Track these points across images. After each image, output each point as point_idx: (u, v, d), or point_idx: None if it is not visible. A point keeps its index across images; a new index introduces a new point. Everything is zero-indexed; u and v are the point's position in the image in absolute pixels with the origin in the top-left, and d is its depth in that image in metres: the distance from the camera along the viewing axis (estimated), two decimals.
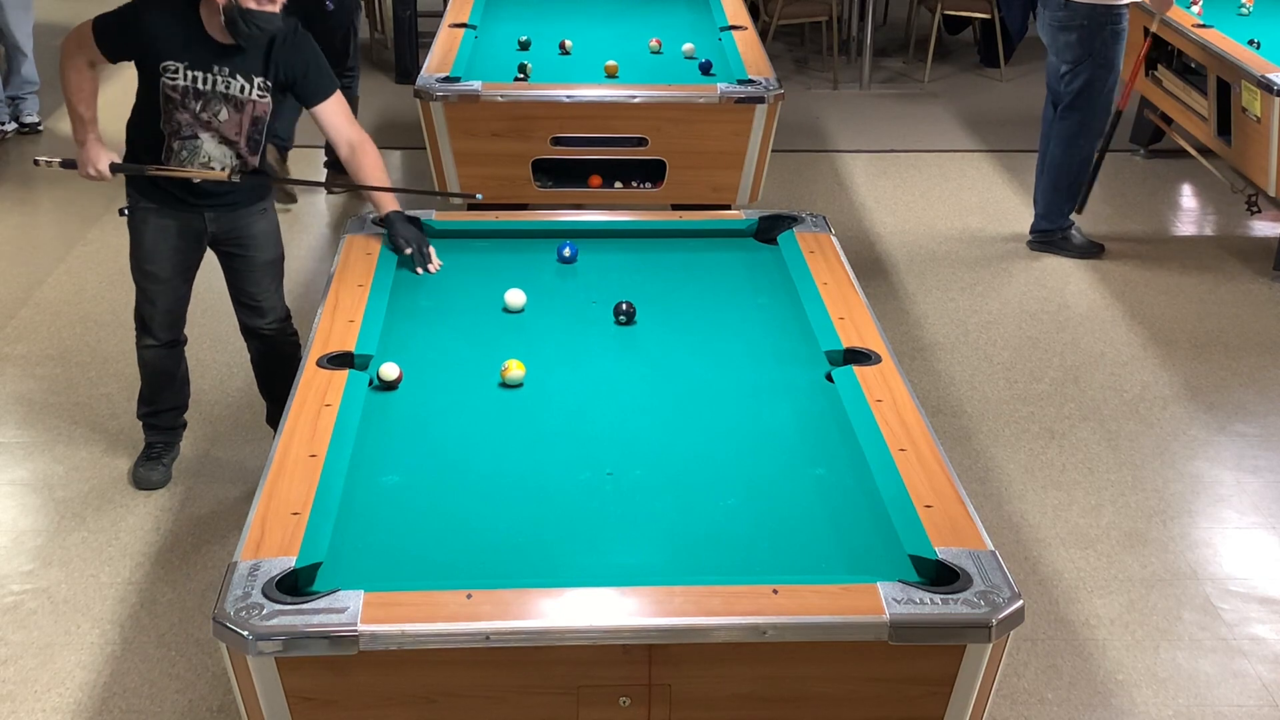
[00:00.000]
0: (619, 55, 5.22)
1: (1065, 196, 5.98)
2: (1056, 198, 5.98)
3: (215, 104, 3.77)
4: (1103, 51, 5.69)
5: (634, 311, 3.47)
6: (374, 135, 4.06)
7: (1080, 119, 5.83)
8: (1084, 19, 5.65)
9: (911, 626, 2.31)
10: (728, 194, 4.96)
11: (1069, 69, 5.77)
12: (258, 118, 3.84)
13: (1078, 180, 5.96)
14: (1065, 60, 5.79)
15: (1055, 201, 5.99)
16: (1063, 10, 5.70)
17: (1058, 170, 5.94)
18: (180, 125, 3.79)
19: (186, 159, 3.83)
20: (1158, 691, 3.51)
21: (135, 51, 3.77)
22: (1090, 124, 5.84)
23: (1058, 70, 5.87)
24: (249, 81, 3.78)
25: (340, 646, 2.27)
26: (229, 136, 3.83)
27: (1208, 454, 4.57)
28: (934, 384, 4.96)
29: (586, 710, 2.40)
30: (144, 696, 3.44)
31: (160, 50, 3.73)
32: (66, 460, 4.41)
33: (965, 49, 9.17)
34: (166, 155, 3.83)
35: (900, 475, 2.74)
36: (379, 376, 3.14)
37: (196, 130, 3.79)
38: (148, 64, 3.77)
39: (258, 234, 4.05)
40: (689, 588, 2.38)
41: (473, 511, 2.69)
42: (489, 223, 4.08)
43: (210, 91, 3.76)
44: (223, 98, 3.77)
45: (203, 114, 3.77)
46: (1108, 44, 5.68)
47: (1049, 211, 6.03)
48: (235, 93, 3.78)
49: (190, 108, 3.77)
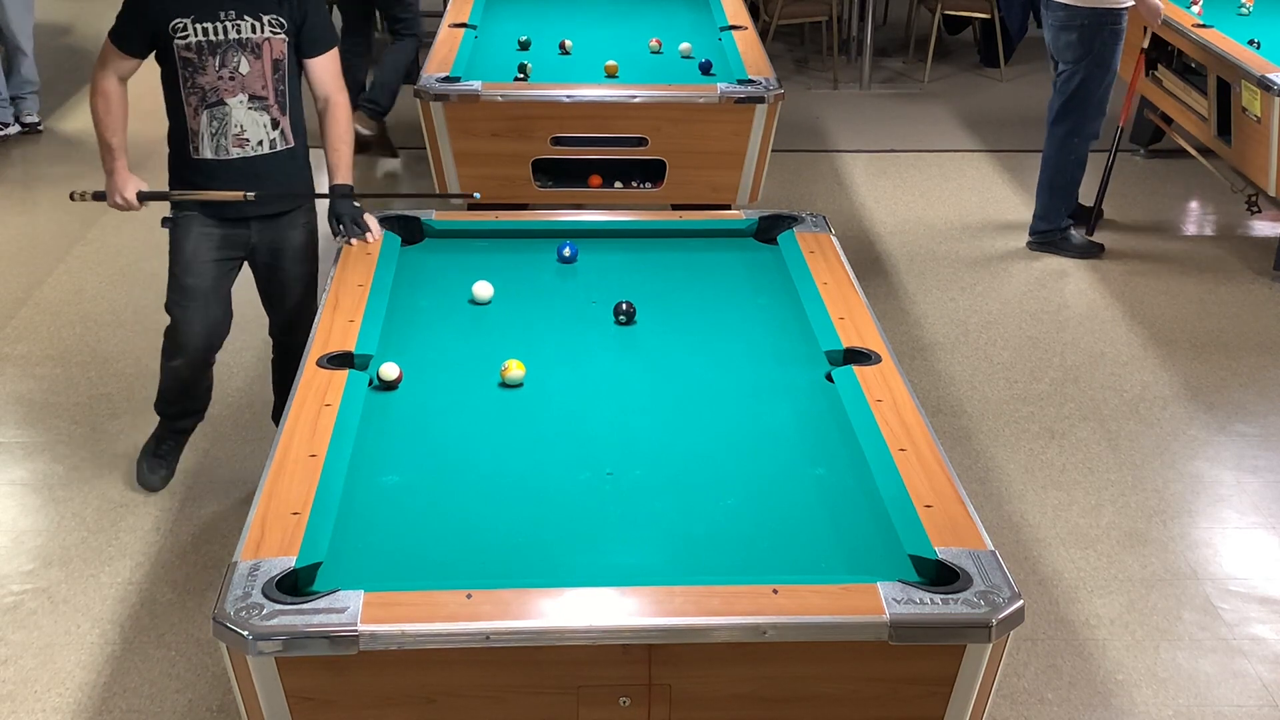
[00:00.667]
0: (619, 55, 5.22)
1: (1061, 196, 5.99)
2: (1053, 198, 6.00)
3: (233, 55, 3.72)
4: (1101, 52, 5.71)
5: (634, 311, 3.47)
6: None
7: (1075, 119, 5.85)
8: (1084, 19, 5.67)
9: (911, 626, 2.31)
10: (728, 194, 4.96)
11: (1067, 69, 5.79)
12: (277, 60, 3.78)
13: (1073, 180, 5.98)
14: (1065, 60, 5.81)
15: (1051, 202, 6.01)
16: (1063, 11, 5.72)
17: (1052, 170, 5.96)
18: (205, 91, 3.73)
19: (218, 133, 3.76)
20: (1158, 691, 3.51)
21: (148, 26, 3.73)
22: (1084, 125, 5.87)
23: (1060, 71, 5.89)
24: (258, 20, 3.74)
25: (340, 646, 2.27)
26: (256, 92, 3.77)
27: (1208, 454, 4.57)
28: (934, 384, 4.96)
29: (586, 710, 2.40)
30: (144, 696, 3.44)
31: (166, 10, 3.69)
32: (66, 460, 4.41)
33: (965, 49, 9.17)
34: (196, 143, 3.79)
35: (900, 475, 2.74)
36: (379, 376, 3.14)
37: (221, 94, 3.74)
38: (161, 36, 3.72)
39: (296, 246, 4.02)
40: (689, 588, 2.38)
41: (473, 511, 2.69)
42: (489, 223, 4.08)
43: (224, 41, 3.71)
44: (238, 45, 3.72)
45: (223, 70, 3.72)
46: (1106, 44, 5.70)
47: (1046, 212, 6.04)
48: (248, 34, 3.73)
49: (209, 66, 3.72)
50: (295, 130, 3.90)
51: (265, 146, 3.84)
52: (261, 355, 5.01)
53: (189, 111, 3.78)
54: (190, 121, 3.79)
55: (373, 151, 6.83)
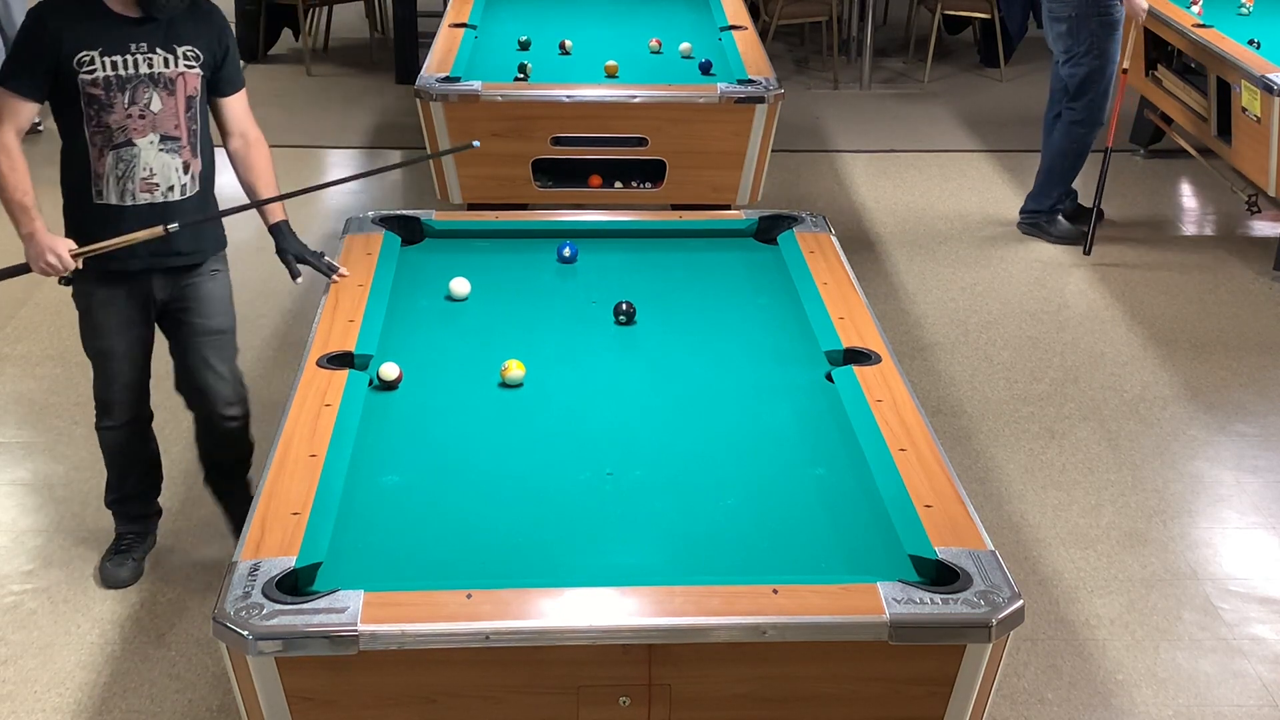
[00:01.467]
0: (619, 55, 5.22)
1: (1056, 181, 6.11)
2: (1048, 181, 6.14)
3: (144, 91, 3.39)
4: (1094, 43, 5.81)
5: (634, 311, 3.47)
6: (374, 135, 4.05)
7: (1082, 109, 5.94)
8: (1073, 9, 5.79)
9: (911, 626, 2.31)
10: (728, 194, 4.96)
11: (1066, 59, 5.90)
12: (191, 97, 3.46)
13: (1071, 168, 6.09)
14: (1059, 51, 5.94)
15: (1046, 184, 6.15)
16: (1054, 1, 5.84)
17: (1054, 155, 6.09)
18: (111, 131, 3.39)
19: (124, 176, 3.43)
20: (1158, 691, 3.51)
21: (48, 60, 3.36)
22: (1091, 115, 5.95)
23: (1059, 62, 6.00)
24: (171, 54, 3.42)
25: (340, 646, 2.27)
26: (169, 131, 3.44)
27: (1208, 454, 4.57)
28: (934, 384, 4.96)
29: (586, 710, 2.40)
30: (144, 696, 3.44)
31: (70, 43, 3.34)
32: (66, 460, 4.40)
33: (965, 49, 9.16)
34: (100, 186, 3.44)
35: (900, 475, 2.74)
36: (379, 376, 3.14)
37: (130, 134, 3.40)
38: (63, 69, 3.36)
39: (205, 297, 3.64)
40: (689, 588, 2.38)
41: (473, 511, 2.69)
42: (489, 223, 4.08)
43: (134, 75, 3.37)
44: (149, 80, 3.39)
45: (132, 108, 3.39)
46: (1097, 35, 5.80)
47: (1038, 192, 6.19)
48: (161, 68, 3.41)
49: (118, 104, 3.38)
50: (205, 176, 3.57)
51: (175, 192, 3.49)
52: (261, 355, 5.02)
53: (93, 153, 3.43)
54: (94, 164, 3.44)
55: None
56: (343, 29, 9.11)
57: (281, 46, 8.86)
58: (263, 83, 8.18)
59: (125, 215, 3.47)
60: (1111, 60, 5.84)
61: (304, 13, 8.45)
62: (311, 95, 8.10)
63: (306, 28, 8.59)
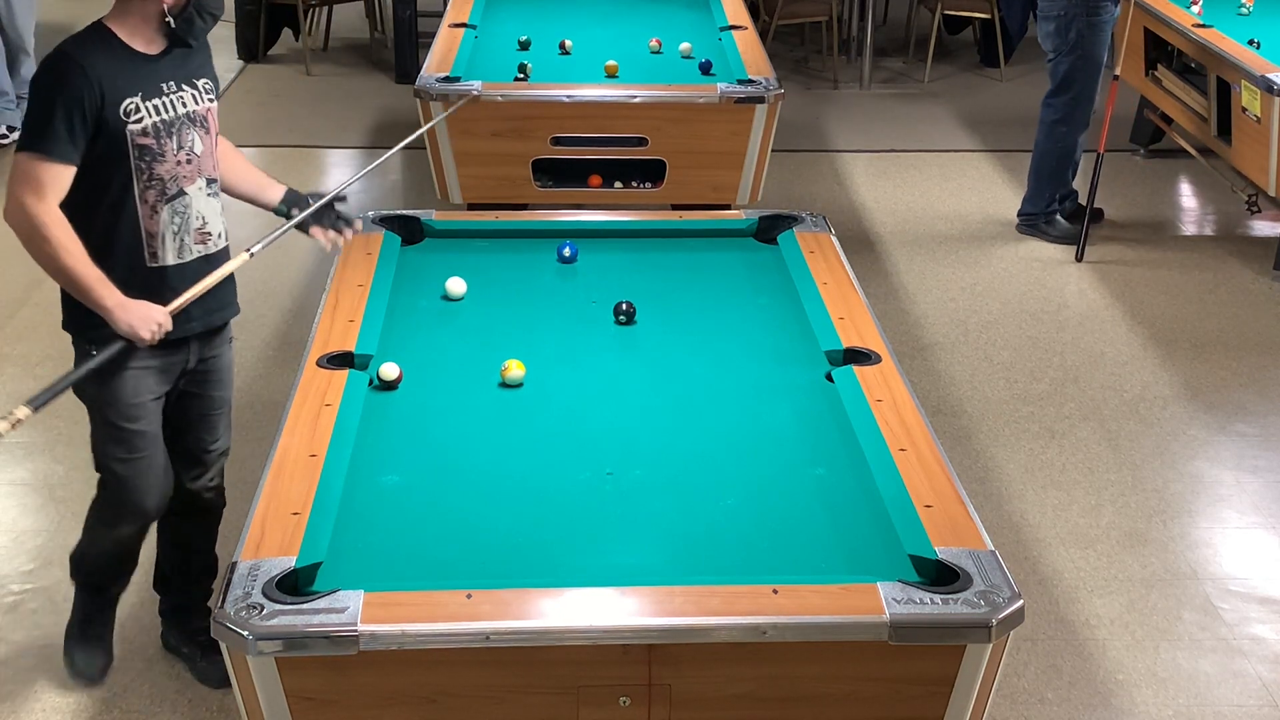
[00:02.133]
0: (619, 55, 5.22)
1: (1047, 182, 6.14)
2: (1039, 183, 6.17)
3: (187, 133, 3.05)
4: (1079, 43, 5.85)
5: (634, 311, 3.47)
6: (373, 135, 4.05)
7: (1061, 106, 5.99)
8: (1061, 9, 5.85)
9: (911, 626, 2.31)
10: (728, 194, 4.96)
11: (1053, 57, 5.96)
12: (218, 133, 3.20)
13: (1060, 168, 6.12)
14: (1048, 49, 5.99)
15: (1038, 186, 6.19)
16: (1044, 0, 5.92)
17: (1040, 156, 6.14)
18: (165, 183, 3.03)
19: (180, 230, 3.07)
20: (1158, 691, 3.51)
21: (93, 114, 2.92)
22: (1072, 114, 6.00)
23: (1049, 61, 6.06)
24: (194, 89, 3.09)
25: (340, 646, 2.27)
26: (210, 174, 3.13)
27: (1208, 454, 4.57)
28: (934, 384, 4.96)
29: (586, 710, 2.40)
30: (144, 697, 3.44)
31: (111, 92, 2.93)
32: (66, 460, 4.40)
33: (965, 49, 9.16)
34: (154, 248, 3.06)
35: (900, 475, 2.74)
36: (379, 376, 3.14)
37: (182, 183, 3.06)
38: (109, 123, 2.94)
39: (225, 366, 3.35)
40: (689, 588, 2.39)
41: (473, 511, 2.69)
42: (489, 223, 4.08)
43: (176, 118, 3.03)
44: (188, 120, 3.05)
45: (180, 153, 3.04)
46: (1084, 35, 5.84)
47: (1032, 194, 6.22)
48: (193, 106, 3.07)
49: (169, 151, 3.02)
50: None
51: (221, 239, 3.19)
52: (261, 355, 5.01)
53: (143, 211, 3.03)
54: (146, 223, 3.04)
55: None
56: (342, 29, 9.11)
57: (281, 46, 8.85)
58: (262, 83, 8.19)
59: (181, 274, 3.10)
60: (1096, 62, 5.89)
61: (304, 13, 8.45)
62: (311, 95, 8.10)
63: (306, 28, 8.59)
